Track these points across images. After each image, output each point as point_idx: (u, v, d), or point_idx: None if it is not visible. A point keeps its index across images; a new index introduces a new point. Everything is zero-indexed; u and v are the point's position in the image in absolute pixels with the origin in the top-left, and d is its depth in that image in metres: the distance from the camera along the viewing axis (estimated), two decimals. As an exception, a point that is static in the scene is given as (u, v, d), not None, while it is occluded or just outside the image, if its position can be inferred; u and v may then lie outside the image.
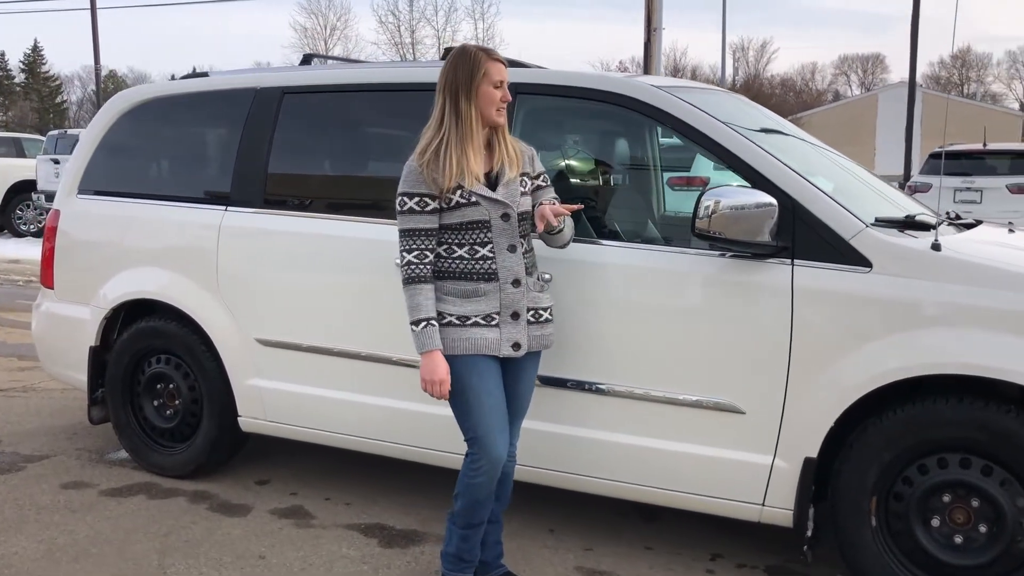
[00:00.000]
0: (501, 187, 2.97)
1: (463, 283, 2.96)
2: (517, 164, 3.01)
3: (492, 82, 2.96)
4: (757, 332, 3.13)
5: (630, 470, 3.39)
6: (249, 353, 4.09)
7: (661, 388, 3.28)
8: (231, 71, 4.63)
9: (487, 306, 2.96)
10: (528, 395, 3.16)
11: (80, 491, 4.24)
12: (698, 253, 3.24)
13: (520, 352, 3.02)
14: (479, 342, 2.95)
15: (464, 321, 2.96)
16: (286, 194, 4.08)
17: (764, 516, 3.23)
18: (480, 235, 2.95)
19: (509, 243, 2.97)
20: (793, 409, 3.11)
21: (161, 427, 4.43)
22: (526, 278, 3.01)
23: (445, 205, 2.93)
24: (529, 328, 3.03)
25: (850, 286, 3.02)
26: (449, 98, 2.95)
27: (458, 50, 3.01)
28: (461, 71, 2.94)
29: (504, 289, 2.97)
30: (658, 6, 14.65)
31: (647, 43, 14.76)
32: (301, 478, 4.41)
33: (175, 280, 4.24)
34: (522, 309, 3.00)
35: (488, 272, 2.96)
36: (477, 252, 2.96)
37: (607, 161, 4.14)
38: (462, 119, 2.93)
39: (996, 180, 12.07)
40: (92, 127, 4.68)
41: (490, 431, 2.97)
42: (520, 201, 3.00)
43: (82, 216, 4.57)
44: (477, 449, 2.99)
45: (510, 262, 2.98)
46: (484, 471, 2.99)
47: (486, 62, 2.96)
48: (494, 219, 2.95)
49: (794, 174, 3.18)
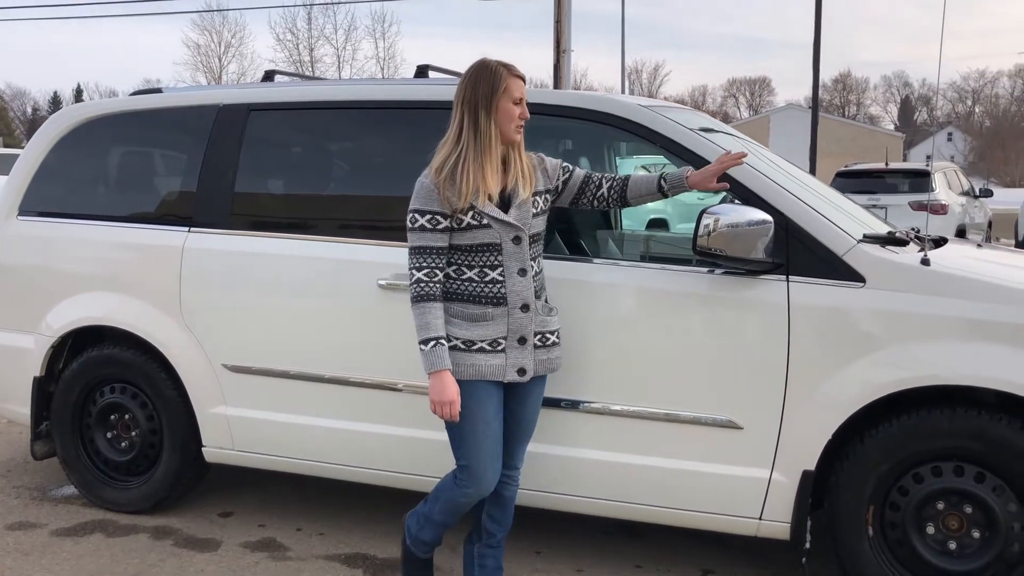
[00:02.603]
0: (514, 209, 2.92)
1: (471, 306, 2.91)
2: (531, 183, 2.97)
3: (512, 98, 2.91)
4: (754, 348, 3.17)
5: (624, 489, 3.37)
6: (215, 380, 3.92)
7: (659, 406, 3.29)
8: (187, 87, 4.46)
9: (494, 331, 2.91)
10: (534, 419, 3.11)
11: (28, 532, 3.97)
12: (693, 271, 3.27)
13: (525, 377, 2.97)
14: (483, 368, 2.90)
15: (470, 346, 2.90)
16: (254, 214, 3.93)
17: (761, 530, 3.26)
18: (491, 258, 2.90)
19: (520, 267, 2.92)
20: (791, 423, 3.15)
21: (115, 460, 4.20)
22: (535, 302, 2.97)
23: (456, 225, 2.87)
24: (536, 352, 2.99)
25: (845, 301, 3.09)
26: (468, 113, 2.88)
27: (478, 64, 2.94)
28: (482, 86, 2.88)
29: (512, 314, 2.92)
30: (567, 29, 14.89)
31: (556, 64, 14.96)
32: (266, 509, 4.24)
33: (132, 305, 4.03)
34: (529, 334, 2.96)
35: (497, 296, 2.91)
36: (487, 275, 2.90)
37: None
38: (481, 135, 2.87)
39: (899, 198, 12.63)
40: (33, 144, 4.43)
41: (482, 461, 2.94)
42: (532, 223, 2.95)
43: (24, 239, 4.31)
44: (466, 476, 2.96)
45: (520, 286, 2.93)
46: (471, 495, 2.99)
47: (507, 78, 2.90)
48: (505, 242, 2.90)
49: (785, 192, 3.24)
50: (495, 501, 3.13)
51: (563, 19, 14.83)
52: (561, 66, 14.85)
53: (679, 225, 12.41)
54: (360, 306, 3.61)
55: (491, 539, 3.18)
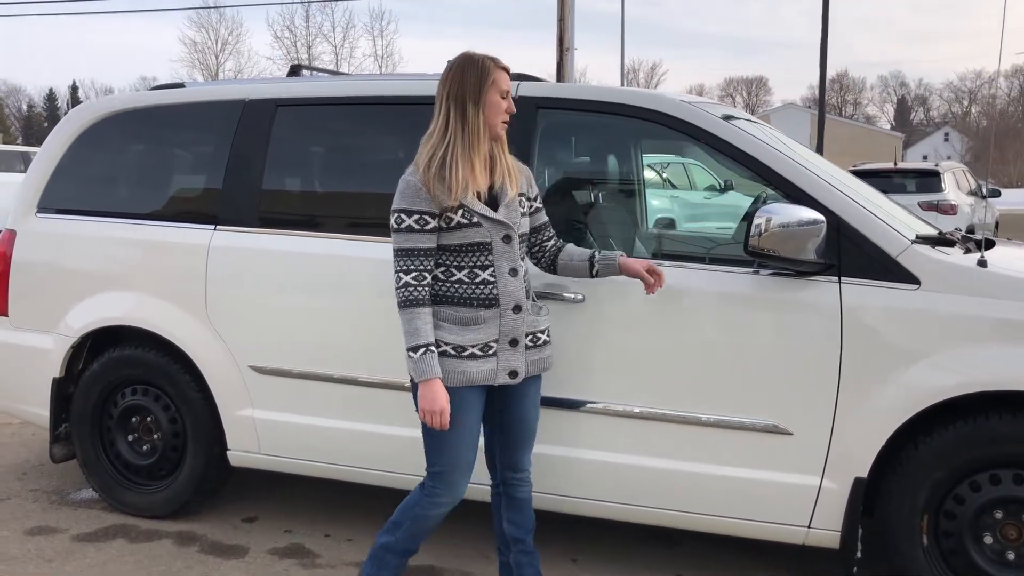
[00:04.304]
0: (503, 207, 2.83)
1: (461, 309, 2.81)
2: (516, 182, 2.89)
3: (500, 91, 2.83)
4: (805, 351, 3.08)
5: (667, 496, 3.29)
6: (241, 382, 3.82)
7: (705, 411, 3.20)
8: (210, 82, 4.36)
9: (485, 335, 2.81)
10: (534, 419, 3.02)
11: (49, 537, 3.87)
12: (742, 272, 3.18)
13: (517, 380, 2.89)
14: (474, 375, 2.81)
15: (460, 352, 2.80)
16: (283, 212, 3.84)
17: (810, 538, 3.18)
18: (481, 258, 2.80)
19: (511, 266, 2.83)
20: (842, 429, 3.07)
21: (136, 464, 4.10)
22: (526, 302, 2.89)
23: (445, 225, 2.76)
24: (527, 353, 2.91)
25: (900, 303, 3.00)
26: (455, 106, 2.79)
27: (464, 57, 2.85)
28: (469, 78, 2.79)
29: (504, 316, 2.82)
30: (570, 27, 14.81)
31: (559, 63, 14.88)
32: (291, 514, 4.14)
33: (155, 305, 3.93)
34: (521, 335, 2.87)
35: (489, 298, 2.81)
36: (477, 276, 2.80)
37: (645, 180, 4.06)
38: (468, 128, 2.77)
39: (908, 198, 12.56)
40: (52, 141, 4.32)
41: (459, 468, 2.87)
42: (520, 222, 2.87)
43: (43, 236, 4.20)
44: (440, 484, 2.87)
45: (512, 287, 2.83)
46: (444, 504, 2.90)
47: (495, 70, 2.83)
48: (496, 241, 2.81)
49: (837, 191, 3.15)
50: (511, 506, 3.06)
51: (566, 17, 14.75)
52: (564, 64, 14.77)
53: (685, 224, 12.34)
54: (394, 306, 3.50)
55: (522, 545, 3.10)
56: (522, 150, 3.45)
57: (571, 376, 3.31)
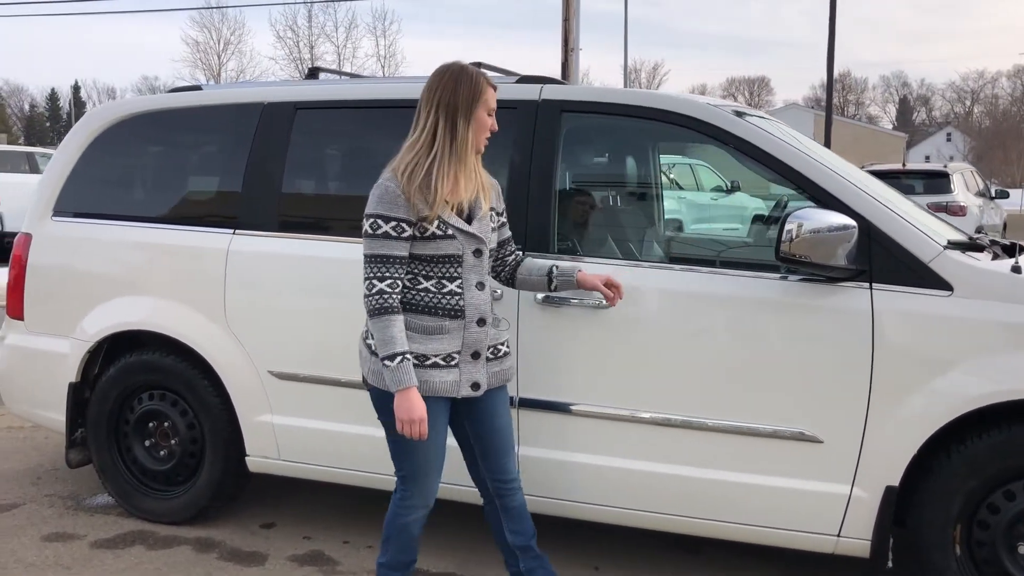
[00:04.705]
0: (476, 221, 2.81)
1: (426, 318, 2.78)
2: (489, 196, 2.88)
3: (488, 108, 2.82)
4: (836, 358, 3.04)
5: (694, 504, 3.25)
6: (261, 387, 3.79)
7: (735, 419, 3.16)
8: (227, 85, 4.32)
9: (448, 345, 2.78)
10: (508, 427, 2.99)
11: (67, 544, 3.83)
12: (771, 277, 3.14)
13: (479, 392, 2.86)
14: (436, 385, 2.78)
15: (423, 361, 2.77)
16: (303, 216, 3.80)
17: (839, 547, 3.14)
18: (450, 269, 2.78)
19: (478, 280, 2.82)
20: (874, 437, 3.03)
21: (153, 469, 4.07)
22: (490, 316, 2.87)
23: (419, 234, 2.73)
24: (488, 365, 2.89)
25: (933, 310, 2.97)
26: (444, 117, 2.76)
27: (457, 68, 2.82)
28: (463, 91, 2.77)
29: (468, 328, 2.80)
30: (575, 27, 14.78)
31: (564, 63, 14.84)
32: (309, 520, 4.11)
33: (173, 309, 3.90)
34: (483, 348, 2.85)
35: (455, 309, 2.78)
36: (445, 286, 2.78)
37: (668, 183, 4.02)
38: (458, 142, 2.75)
39: (917, 199, 12.43)
40: (68, 143, 4.28)
41: (429, 471, 2.86)
42: (491, 237, 2.87)
43: (59, 240, 4.16)
44: (411, 488, 2.88)
45: (478, 300, 2.82)
46: (417, 507, 2.90)
47: (486, 87, 2.81)
48: (467, 254, 2.79)
49: (866, 195, 3.12)
50: (509, 516, 3.04)
51: (571, 17, 14.67)
52: (569, 64, 14.71)
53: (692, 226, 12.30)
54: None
55: (528, 552, 3.08)
56: (546, 153, 3.42)
57: (596, 383, 3.28)
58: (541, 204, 3.40)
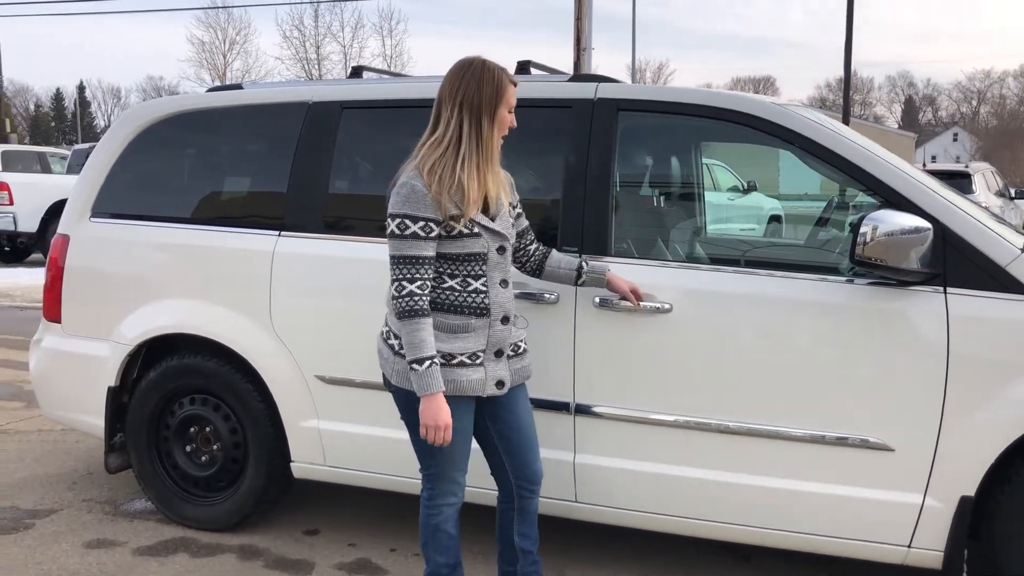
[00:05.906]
0: (499, 218, 2.78)
1: (452, 317, 2.73)
2: (507, 193, 2.84)
3: (509, 106, 2.77)
4: (909, 364, 2.96)
5: (759, 513, 3.17)
6: (307, 392, 3.71)
7: (804, 426, 3.08)
8: (269, 83, 4.24)
9: (474, 343, 2.74)
10: (531, 424, 2.96)
11: (109, 551, 3.76)
12: (839, 281, 3.06)
13: (503, 390, 2.83)
14: (463, 384, 2.74)
15: (449, 360, 2.72)
16: (350, 217, 3.73)
17: (910, 558, 3.06)
18: (475, 267, 2.73)
19: (502, 277, 2.79)
20: (948, 445, 2.94)
21: (194, 475, 3.99)
22: (513, 314, 2.84)
23: (446, 233, 2.68)
24: (510, 362, 2.86)
25: (1010, 315, 2.88)
26: (470, 115, 2.70)
27: (479, 64, 2.75)
28: (487, 88, 2.71)
29: (493, 326, 2.77)
30: (587, 26, 14.73)
31: (576, 63, 14.80)
32: (354, 527, 4.03)
33: (217, 312, 3.82)
34: (506, 346, 2.83)
35: (480, 307, 2.74)
36: (469, 284, 2.74)
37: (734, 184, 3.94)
38: (484, 141, 2.71)
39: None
40: (106, 143, 4.21)
41: (455, 469, 2.83)
42: (511, 232, 2.83)
43: (98, 242, 4.09)
44: (437, 486, 2.85)
45: (502, 298, 2.79)
46: (448, 506, 2.87)
47: (508, 85, 2.75)
48: (491, 252, 2.75)
49: (941, 197, 3.04)
50: (524, 519, 3.00)
51: (584, 17, 14.68)
52: (581, 64, 14.70)
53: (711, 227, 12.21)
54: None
55: (529, 556, 3.02)
56: (603, 153, 3.34)
57: (659, 389, 3.20)
58: (598, 205, 3.32)
